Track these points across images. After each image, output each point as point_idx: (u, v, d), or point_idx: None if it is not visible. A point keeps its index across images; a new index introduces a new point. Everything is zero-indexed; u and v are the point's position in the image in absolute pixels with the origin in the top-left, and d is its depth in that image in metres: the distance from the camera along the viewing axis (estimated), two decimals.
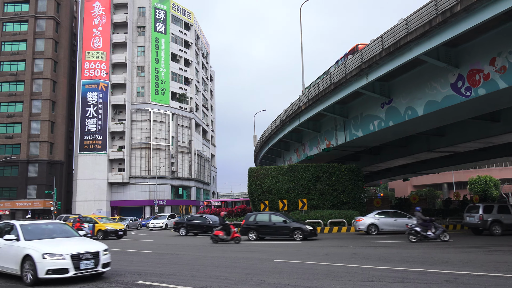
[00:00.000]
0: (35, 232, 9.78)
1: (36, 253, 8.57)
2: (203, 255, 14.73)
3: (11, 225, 10.09)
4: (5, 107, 60.01)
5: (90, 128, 58.04)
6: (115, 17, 62.17)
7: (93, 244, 9.54)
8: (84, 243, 9.58)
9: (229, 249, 16.72)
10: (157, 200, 57.79)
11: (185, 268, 11.28)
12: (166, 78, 63.69)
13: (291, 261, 12.16)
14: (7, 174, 58.61)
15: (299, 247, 17.04)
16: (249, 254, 14.74)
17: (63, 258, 8.57)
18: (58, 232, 10.21)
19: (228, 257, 13.61)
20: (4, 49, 61.32)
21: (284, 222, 20.73)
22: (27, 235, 9.40)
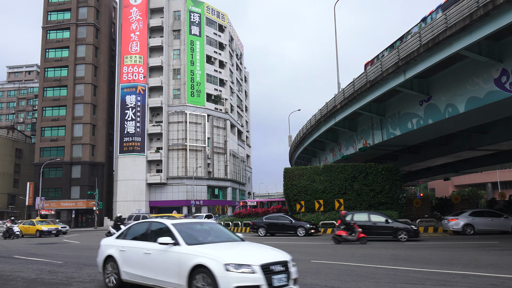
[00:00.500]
0: (193, 234, 7.67)
1: (214, 262, 6.30)
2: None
3: (161, 224, 7.87)
4: (50, 111, 62.80)
5: (129, 130, 59.73)
6: (152, 21, 63.71)
7: (275, 251, 7.06)
8: (264, 249, 7.14)
9: None
10: (194, 200, 58.70)
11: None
12: (202, 80, 64.60)
13: (328, 262, 12.05)
14: (53, 175, 61.24)
15: (337, 248, 16.85)
16: None
17: (252, 270, 6.20)
18: (217, 234, 8.01)
19: None
20: (48, 56, 64.16)
21: (386, 222, 19.86)
22: (187, 238, 7.21)
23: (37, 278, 9.94)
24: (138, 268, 7.58)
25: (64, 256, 15.67)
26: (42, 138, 62.44)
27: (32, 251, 18.12)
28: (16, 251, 18.30)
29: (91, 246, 20.79)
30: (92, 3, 64.37)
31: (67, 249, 19.08)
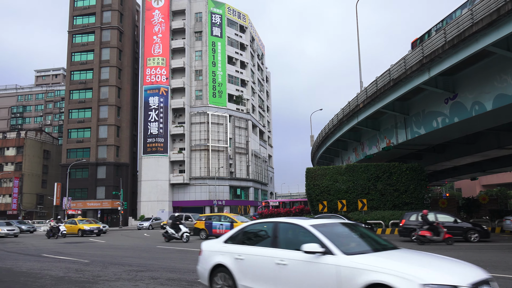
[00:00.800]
0: (342, 239, 5.82)
1: (403, 282, 4.43)
2: None
3: (295, 226, 6.12)
4: (76, 113, 64.34)
5: (152, 132, 60.59)
6: (174, 23, 64.47)
7: (466, 265, 5.21)
8: (451, 262, 5.24)
9: None
10: (217, 200, 59.08)
11: None
12: (223, 81, 64.96)
13: None
14: (79, 176, 62.68)
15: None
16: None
17: None
18: (365, 239, 6.04)
19: None
20: (74, 59, 65.72)
21: (455, 222, 19.09)
22: (341, 246, 5.39)
23: (65, 276, 10.19)
24: (266, 283, 5.85)
25: (90, 255, 16.01)
26: (69, 139, 64.04)
27: (60, 250, 18.59)
28: (45, 250, 18.81)
29: (116, 245, 21.19)
30: (116, 7, 65.60)
31: (93, 248, 19.49)
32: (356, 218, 26.11)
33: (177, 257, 14.61)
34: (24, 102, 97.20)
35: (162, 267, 11.60)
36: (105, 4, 66.00)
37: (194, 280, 9.30)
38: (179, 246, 19.61)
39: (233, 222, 22.81)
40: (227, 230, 21.25)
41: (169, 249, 18.20)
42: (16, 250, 19.17)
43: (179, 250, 17.28)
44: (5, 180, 71.96)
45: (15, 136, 73.94)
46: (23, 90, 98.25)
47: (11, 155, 72.82)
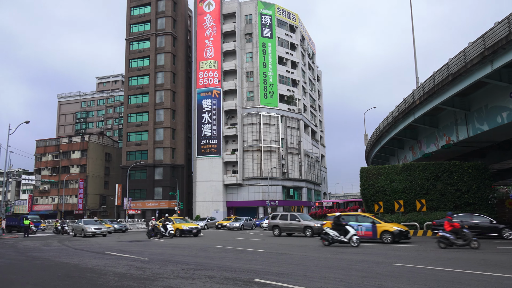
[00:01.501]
0: None
1: None
2: (317, 256, 14.70)
3: None
4: (134, 117, 67.28)
5: (206, 133, 61.97)
6: (225, 27, 65.58)
7: None
8: None
9: (342, 251, 16.44)
10: (270, 200, 59.30)
11: (300, 268, 11.38)
12: (274, 81, 65.11)
13: (410, 265, 11.51)
14: (138, 177, 65.42)
15: (420, 250, 16.03)
16: (364, 256, 14.31)
17: None
18: None
19: (342, 259, 13.39)
20: (132, 66, 68.77)
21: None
22: None
23: (127, 273, 10.67)
24: None
25: (150, 253, 16.64)
26: (128, 142, 67.06)
27: (122, 248, 19.49)
28: (108, 248, 19.81)
29: (174, 244, 21.86)
30: (169, 14, 67.84)
31: (152, 247, 20.24)
32: (413, 219, 25.18)
33: (232, 256, 14.83)
34: (87, 108, 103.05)
35: (218, 266, 11.83)
36: (159, 11, 68.48)
37: (249, 279, 9.41)
38: (233, 246, 19.88)
39: (375, 223, 19.83)
40: (368, 232, 19.67)
41: (224, 248, 18.52)
42: (82, 248, 20.34)
43: (234, 250, 17.53)
44: (72, 181, 76.67)
45: (80, 140, 78.59)
46: (86, 96, 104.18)
47: (76, 158, 77.52)
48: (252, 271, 10.83)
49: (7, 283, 9.71)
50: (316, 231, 24.70)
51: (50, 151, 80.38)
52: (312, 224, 25.64)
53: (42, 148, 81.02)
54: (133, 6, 70.56)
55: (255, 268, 11.35)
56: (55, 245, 22.67)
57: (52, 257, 15.76)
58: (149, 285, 8.87)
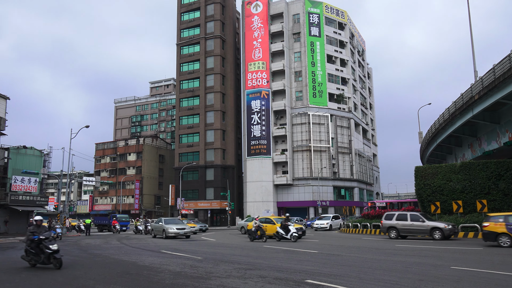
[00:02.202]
0: None
1: None
2: (370, 257, 14.36)
3: None
4: (185, 119, 69.11)
5: (255, 134, 62.40)
6: (272, 27, 65.73)
7: None
8: None
9: (397, 252, 15.94)
10: (320, 201, 58.66)
11: (353, 269, 11.16)
12: (323, 80, 64.37)
13: (471, 269, 10.94)
14: (190, 178, 67.10)
15: (482, 253, 15.20)
16: (421, 259, 13.79)
17: None
18: None
19: (397, 261, 12.98)
20: (183, 69, 70.68)
21: None
22: None
23: (181, 272, 10.98)
24: None
25: (203, 252, 17.01)
26: (180, 144, 68.97)
27: (176, 247, 20.07)
28: (163, 247, 20.47)
29: (226, 244, 22.21)
30: (218, 17, 69.05)
31: (205, 246, 20.68)
32: (474, 221, 23.89)
33: (283, 257, 14.83)
34: (141, 112, 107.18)
35: (269, 266, 11.87)
36: (208, 15, 69.88)
37: (301, 280, 9.36)
38: (285, 246, 19.88)
39: None
40: None
41: (275, 248, 18.55)
42: (139, 246, 21.18)
43: (285, 250, 17.52)
44: (128, 182, 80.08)
45: (135, 143, 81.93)
46: (140, 101, 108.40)
47: (132, 160, 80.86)
48: (303, 271, 10.77)
49: (72, 278, 10.30)
50: (447, 233, 21.62)
51: (108, 153, 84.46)
52: (442, 225, 21.88)
53: (101, 151, 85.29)
54: (183, 12, 72.51)
55: (306, 269, 11.28)
56: (114, 243, 23.77)
57: (111, 254, 16.54)
58: (203, 283, 9.06)
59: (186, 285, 8.91)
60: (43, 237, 11.82)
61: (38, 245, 11.91)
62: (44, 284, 9.42)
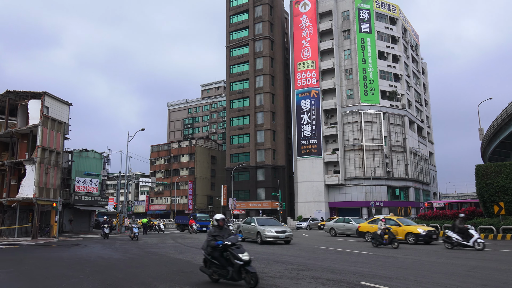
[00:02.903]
0: None
1: None
2: (428, 260, 13.80)
3: None
4: (236, 121, 70.03)
5: (305, 134, 61.98)
6: (321, 25, 64.99)
7: None
8: None
9: (457, 255, 15.20)
10: (374, 201, 57.18)
11: (409, 272, 10.79)
12: (375, 78, 62.73)
13: None
14: (241, 178, 67.87)
15: None
16: (483, 262, 13.06)
17: None
18: None
19: (458, 264, 12.38)
20: (232, 72, 71.68)
21: None
22: None
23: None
24: None
25: (254, 252, 17.12)
26: (231, 145, 69.98)
27: None
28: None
29: (277, 244, 22.21)
30: (266, 18, 69.36)
31: (256, 246, 20.80)
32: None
33: (336, 258, 14.62)
34: (193, 114, 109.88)
35: (322, 267, 11.74)
36: (257, 16, 70.38)
37: (355, 282, 9.18)
38: (337, 247, 19.57)
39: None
40: None
41: (328, 249, 18.33)
42: (194, 245, 21.70)
43: (337, 251, 17.26)
44: (182, 183, 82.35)
45: (188, 144, 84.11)
46: (192, 103, 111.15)
47: (185, 161, 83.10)
48: (357, 273, 10.56)
49: (132, 275, 10.76)
50: None
51: (162, 155, 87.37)
52: None
53: (156, 153, 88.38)
54: (232, 14, 73.54)
55: (360, 271, 11.04)
56: (170, 242, 24.53)
57: (167, 253, 17.09)
58: None
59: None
60: (228, 242, 8.96)
61: (222, 254, 9.14)
62: (106, 280, 9.91)
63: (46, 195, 34.15)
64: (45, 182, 34.21)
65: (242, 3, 72.47)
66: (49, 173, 34.62)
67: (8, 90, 35.88)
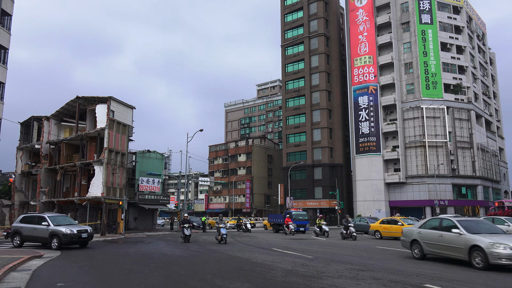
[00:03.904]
0: None
1: None
2: None
3: None
4: (292, 119, 69.88)
5: (363, 131, 60.44)
6: (378, 19, 63.01)
7: None
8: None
9: None
10: (438, 200, 54.49)
11: (479, 276, 10.18)
12: (437, 71, 59.76)
13: None
14: (298, 177, 67.60)
15: None
16: None
17: None
18: None
19: None
20: (287, 70, 71.57)
21: None
22: None
23: (292, 270, 11.11)
24: None
25: (313, 251, 17.00)
26: (288, 144, 69.91)
27: (286, 245, 20.37)
28: (274, 245, 20.94)
29: (336, 243, 21.88)
30: (321, 15, 68.51)
31: (315, 245, 20.64)
32: None
33: (398, 258, 14.13)
34: (249, 114, 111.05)
35: (383, 268, 11.41)
36: (311, 13, 69.72)
37: (419, 284, 8.83)
38: (398, 247, 18.92)
39: None
40: None
41: (389, 250, 17.77)
42: (252, 244, 21.95)
43: (399, 252, 16.68)
44: (239, 182, 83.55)
45: (245, 144, 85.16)
46: (248, 103, 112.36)
47: (242, 161, 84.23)
48: (421, 275, 10.14)
49: (193, 271, 11.10)
50: None
51: (220, 155, 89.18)
52: None
53: (214, 152, 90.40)
54: (286, 13, 73.40)
55: (424, 272, 10.60)
56: (228, 240, 24.98)
57: (226, 251, 17.42)
58: (314, 282, 9.05)
59: (298, 283, 8.98)
60: None
61: None
62: (169, 276, 10.29)
63: (113, 194, 36.09)
64: (112, 181, 36.15)
65: (296, 1, 72.10)
66: (115, 173, 36.55)
67: (78, 96, 38.38)
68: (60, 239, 18.37)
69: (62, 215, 21.61)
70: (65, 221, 20.21)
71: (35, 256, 14.98)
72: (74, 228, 18.99)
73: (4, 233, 28.12)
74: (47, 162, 40.69)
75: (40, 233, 19.13)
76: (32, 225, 19.60)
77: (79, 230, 19.12)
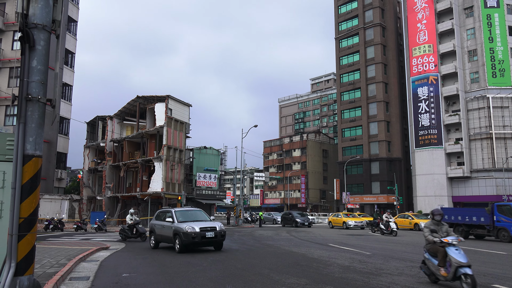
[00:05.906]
0: None
1: None
2: None
3: None
4: (347, 113, 68.51)
5: (423, 123, 57.93)
6: (438, 5, 59.90)
7: None
8: None
9: None
10: (507, 195, 51.12)
11: None
12: (505, 57, 55.84)
13: None
14: (354, 172, 66.24)
15: None
16: None
17: None
18: None
19: None
20: (342, 63, 70.15)
21: None
22: None
23: (350, 266, 10.93)
24: None
25: (371, 247, 16.61)
26: (343, 138, 68.66)
27: (344, 241, 20.07)
28: (331, 240, 20.71)
29: (395, 240, 21.23)
30: (377, 4, 66.37)
31: (372, 242, 20.16)
32: None
33: None
34: (303, 109, 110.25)
35: None
36: (366, 3, 67.73)
37: (486, 284, 8.36)
38: (464, 245, 18.00)
39: None
40: None
41: None
42: (307, 239, 21.85)
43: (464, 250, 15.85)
44: (294, 177, 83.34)
45: (299, 139, 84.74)
46: (302, 98, 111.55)
47: (297, 156, 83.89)
48: (489, 274, 9.60)
49: (250, 265, 11.26)
50: None
51: (275, 150, 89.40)
52: None
53: (268, 148, 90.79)
54: (340, 5, 71.84)
55: (492, 272, 10.02)
56: (284, 235, 25.04)
57: (282, 246, 17.48)
58: (373, 279, 8.85)
59: (356, 280, 8.83)
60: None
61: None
62: (226, 269, 10.52)
63: (172, 190, 37.41)
64: (171, 177, 37.48)
65: None
66: (174, 169, 37.86)
67: (138, 96, 40.12)
68: (181, 239, 14.53)
69: (193, 209, 17.72)
70: (194, 217, 16.13)
71: (102, 248, 15.96)
72: (196, 225, 14.72)
73: (74, 226, 30.17)
74: (111, 159, 42.99)
75: (167, 231, 15.77)
76: (160, 222, 16.55)
77: (202, 227, 14.72)
